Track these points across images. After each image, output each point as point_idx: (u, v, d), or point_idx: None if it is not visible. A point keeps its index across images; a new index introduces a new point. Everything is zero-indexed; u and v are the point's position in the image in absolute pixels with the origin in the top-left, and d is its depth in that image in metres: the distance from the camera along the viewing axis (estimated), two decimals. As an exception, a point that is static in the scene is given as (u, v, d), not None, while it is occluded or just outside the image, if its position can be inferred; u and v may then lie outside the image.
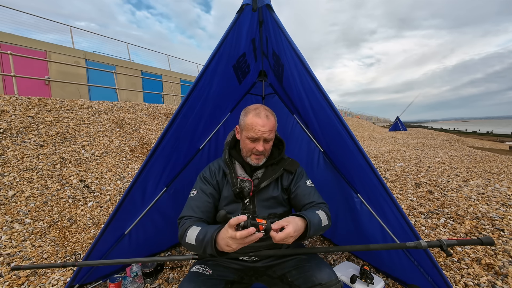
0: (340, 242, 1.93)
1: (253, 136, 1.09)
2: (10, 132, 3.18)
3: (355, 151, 1.15)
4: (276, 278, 1.08)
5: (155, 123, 5.16)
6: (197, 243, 0.91)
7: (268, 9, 1.09)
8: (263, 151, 1.11)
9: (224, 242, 0.83)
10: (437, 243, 0.87)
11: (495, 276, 1.51)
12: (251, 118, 1.09)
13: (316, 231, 0.98)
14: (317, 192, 1.20)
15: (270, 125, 1.09)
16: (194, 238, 0.92)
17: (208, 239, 0.87)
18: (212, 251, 0.85)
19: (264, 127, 1.07)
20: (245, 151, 1.17)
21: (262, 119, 1.08)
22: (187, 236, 0.95)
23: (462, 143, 9.08)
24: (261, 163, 1.16)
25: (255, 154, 1.13)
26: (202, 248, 0.89)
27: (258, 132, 1.07)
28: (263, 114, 1.09)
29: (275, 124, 1.14)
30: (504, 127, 43.66)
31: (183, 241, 0.98)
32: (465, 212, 2.25)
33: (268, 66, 1.71)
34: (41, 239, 1.94)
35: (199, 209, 1.10)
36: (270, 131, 1.09)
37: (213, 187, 1.17)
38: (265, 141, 1.11)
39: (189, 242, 0.94)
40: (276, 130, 1.18)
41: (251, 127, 1.08)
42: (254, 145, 1.11)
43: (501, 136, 21.06)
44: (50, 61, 7.08)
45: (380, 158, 4.61)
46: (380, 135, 11.38)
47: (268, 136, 1.09)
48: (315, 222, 0.97)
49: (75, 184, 2.70)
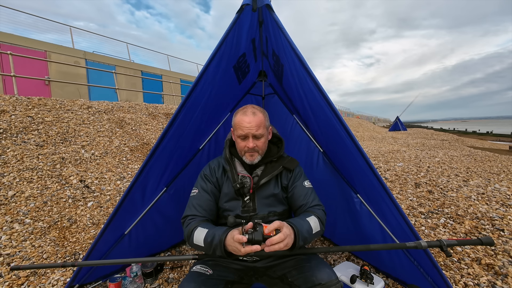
0: (340, 242, 1.93)
1: (241, 134, 1.11)
2: (10, 132, 3.18)
3: (354, 151, 1.15)
4: (276, 278, 1.08)
5: (155, 123, 5.15)
6: (205, 245, 0.95)
7: (268, 9, 1.09)
8: (254, 147, 1.12)
9: (232, 248, 0.88)
10: (437, 243, 0.87)
11: (495, 276, 1.51)
12: (239, 117, 1.12)
13: (306, 239, 0.96)
14: (314, 193, 1.20)
15: (257, 121, 1.10)
16: (202, 240, 0.96)
17: (216, 242, 0.92)
18: (222, 253, 0.91)
19: (251, 123, 1.09)
20: (239, 151, 1.18)
21: (248, 116, 1.10)
22: (195, 238, 0.99)
23: (462, 143, 9.09)
24: (255, 161, 1.16)
25: (248, 152, 1.14)
26: (212, 250, 0.94)
27: (245, 129, 1.09)
28: (249, 112, 1.12)
29: (264, 120, 1.14)
30: (504, 127, 43.68)
31: (190, 242, 1.01)
32: (465, 212, 2.25)
33: (268, 66, 1.71)
34: (41, 239, 1.94)
35: (202, 208, 1.12)
36: (257, 127, 1.10)
37: (213, 185, 1.19)
38: (255, 138, 1.12)
39: (197, 243, 0.98)
40: (268, 126, 1.19)
41: (239, 125, 1.11)
42: (245, 143, 1.13)
43: (501, 136, 21.07)
44: (50, 61, 7.07)
45: (380, 158, 4.61)
46: (380, 135, 11.38)
47: (256, 132, 1.10)
48: (303, 231, 0.96)
49: (75, 184, 2.70)
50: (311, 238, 1.00)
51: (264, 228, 0.85)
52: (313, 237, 1.00)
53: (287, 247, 0.86)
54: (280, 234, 0.84)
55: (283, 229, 0.87)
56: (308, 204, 1.14)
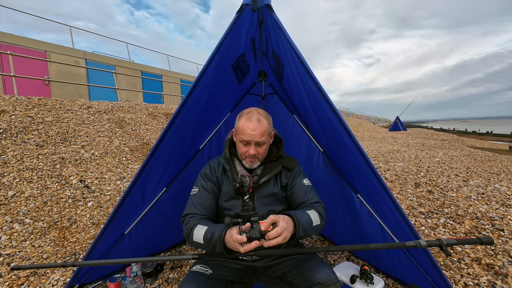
0: (340, 242, 1.93)
1: (244, 139, 1.10)
2: (10, 132, 3.18)
3: (354, 151, 1.15)
4: (276, 278, 1.08)
5: (155, 123, 5.15)
6: (205, 242, 0.95)
7: (268, 9, 1.09)
8: (255, 155, 1.12)
9: (231, 246, 0.89)
10: (436, 242, 0.87)
11: (495, 276, 1.51)
12: (243, 122, 1.11)
13: (307, 230, 0.96)
14: (314, 191, 1.20)
15: (262, 129, 1.09)
16: (202, 237, 0.96)
17: (216, 238, 0.92)
18: (221, 249, 0.90)
19: (255, 131, 1.08)
20: (240, 154, 1.19)
21: (253, 123, 1.09)
22: (194, 235, 0.99)
23: (462, 143, 9.09)
24: (255, 166, 1.17)
25: (248, 158, 1.14)
26: (211, 247, 0.93)
27: (248, 136, 1.09)
28: (255, 118, 1.10)
29: (268, 127, 1.13)
30: (504, 127, 43.68)
31: (189, 240, 1.01)
32: (465, 212, 2.25)
33: (268, 66, 1.71)
34: (41, 239, 1.94)
35: (202, 206, 1.13)
36: (261, 134, 1.09)
37: (213, 184, 1.20)
38: (257, 145, 1.11)
39: (196, 241, 0.98)
40: (271, 132, 1.18)
41: (242, 130, 1.10)
42: (246, 149, 1.12)
43: (501, 136, 21.07)
44: (50, 61, 7.07)
45: (380, 158, 4.61)
46: (380, 135, 11.38)
47: (259, 140, 1.09)
48: (303, 221, 0.96)
49: (75, 184, 2.70)
50: (311, 230, 0.99)
51: (260, 225, 0.85)
52: (313, 230, 1.00)
53: (285, 240, 0.86)
54: (276, 228, 0.84)
55: (279, 222, 0.87)
56: (308, 202, 1.15)
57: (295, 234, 0.92)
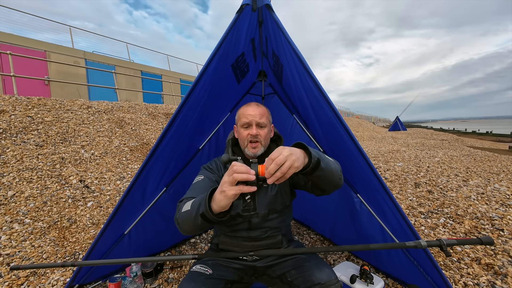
0: (339, 242, 1.93)
1: (245, 121, 1.13)
2: (10, 132, 3.17)
3: (354, 151, 1.15)
4: (276, 278, 1.08)
5: (155, 123, 5.15)
6: (192, 207, 0.86)
7: (267, 9, 1.09)
8: (257, 135, 1.12)
9: (219, 190, 0.77)
10: (436, 242, 0.87)
11: (495, 275, 1.51)
12: (242, 108, 1.18)
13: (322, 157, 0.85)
14: None
15: (261, 110, 1.14)
16: (190, 204, 0.88)
17: (203, 196, 0.83)
18: (205, 207, 0.79)
19: (255, 112, 1.13)
20: (242, 142, 1.18)
21: (252, 106, 1.16)
22: (184, 206, 0.91)
23: (461, 143, 9.09)
24: (259, 152, 1.14)
25: (251, 142, 1.14)
26: (196, 208, 0.83)
27: (249, 116, 1.12)
28: (253, 103, 1.18)
29: (267, 112, 1.18)
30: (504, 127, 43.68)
31: (179, 215, 0.92)
32: (465, 212, 2.25)
33: (267, 66, 1.71)
34: (40, 239, 1.93)
35: (205, 190, 1.01)
36: (261, 115, 1.13)
37: (218, 177, 1.18)
38: (258, 126, 1.13)
39: (184, 210, 0.89)
40: (270, 121, 1.20)
41: (243, 114, 1.15)
42: (248, 131, 1.13)
43: (500, 136, 21.08)
44: (49, 61, 7.06)
45: (380, 158, 4.62)
46: (379, 135, 11.38)
47: (259, 120, 1.12)
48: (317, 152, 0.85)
49: (75, 184, 2.70)
50: (328, 162, 0.88)
51: (259, 168, 0.77)
52: (328, 165, 0.88)
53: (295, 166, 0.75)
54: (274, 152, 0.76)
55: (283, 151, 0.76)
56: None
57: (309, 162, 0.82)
